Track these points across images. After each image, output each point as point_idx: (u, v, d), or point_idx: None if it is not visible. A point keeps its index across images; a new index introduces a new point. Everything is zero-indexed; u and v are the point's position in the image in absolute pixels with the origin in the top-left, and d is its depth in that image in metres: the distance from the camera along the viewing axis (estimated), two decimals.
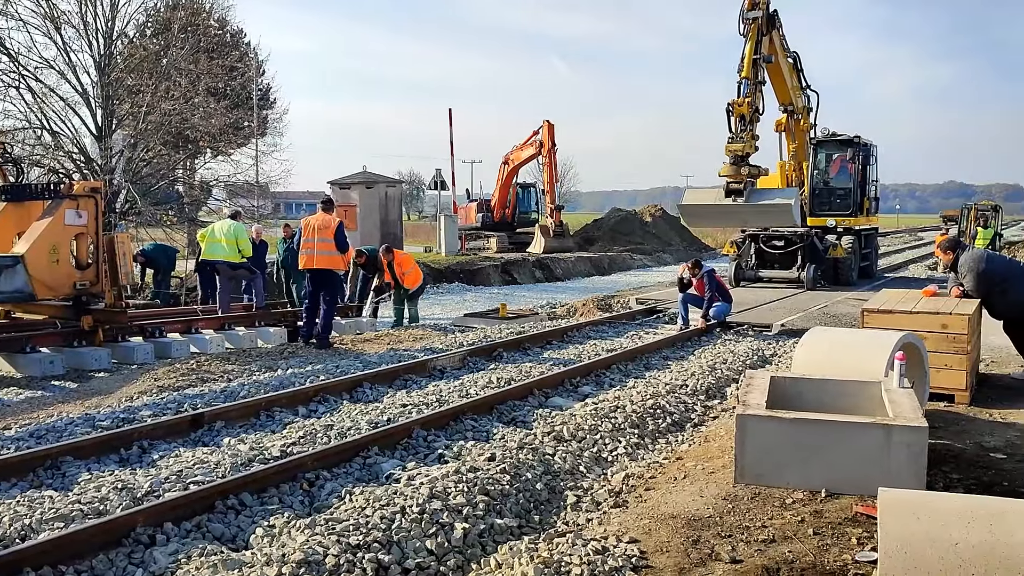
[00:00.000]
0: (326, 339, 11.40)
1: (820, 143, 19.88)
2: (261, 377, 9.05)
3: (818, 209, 19.68)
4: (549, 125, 32.68)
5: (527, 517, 5.03)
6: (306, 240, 11.42)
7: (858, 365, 6.07)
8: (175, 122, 24.51)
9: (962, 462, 5.64)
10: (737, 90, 15.89)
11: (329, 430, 6.64)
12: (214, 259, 13.16)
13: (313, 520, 4.61)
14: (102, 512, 4.81)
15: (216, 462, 5.75)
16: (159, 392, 8.36)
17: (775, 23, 16.90)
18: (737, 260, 18.86)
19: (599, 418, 6.99)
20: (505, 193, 36.17)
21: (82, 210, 10.46)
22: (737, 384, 8.68)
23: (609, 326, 13.44)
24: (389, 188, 27.74)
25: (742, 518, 4.62)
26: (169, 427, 6.64)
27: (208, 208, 31.38)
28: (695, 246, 41.02)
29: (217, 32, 30.82)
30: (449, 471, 5.36)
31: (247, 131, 31.59)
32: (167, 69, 24.94)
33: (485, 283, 25.21)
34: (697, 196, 17.59)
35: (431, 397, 7.89)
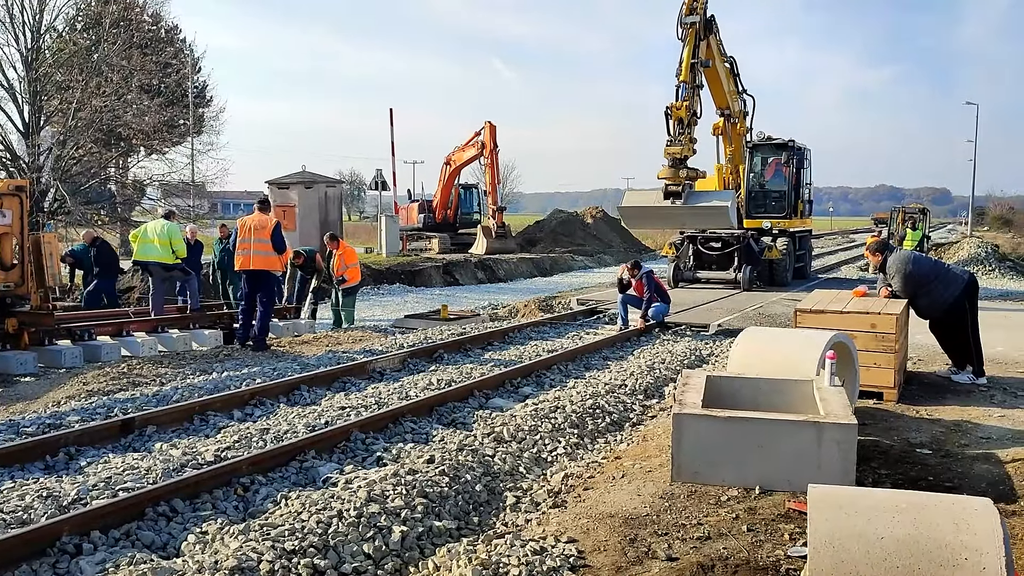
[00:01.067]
0: (263, 341, 11.21)
1: (756, 147, 20.28)
2: (195, 380, 8.86)
3: (754, 211, 20.07)
4: (491, 126, 32.71)
5: (466, 519, 5.01)
6: (242, 240, 11.21)
7: (791, 364, 6.21)
8: (107, 119, 23.89)
9: (890, 458, 5.80)
10: (675, 94, 16.11)
11: (265, 434, 6.53)
12: (147, 260, 12.85)
13: (247, 526, 4.52)
14: (26, 521, 4.64)
15: (147, 468, 5.60)
16: (88, 397, 8.12)
17: (712, 28, 17.17)
18: (676, 261, 19.10)
19: (539, 418, 7.01)
20: (447, 194, 36.09)
21: (6, 209, 10.10)
22: (675, 383, 8.79)
23: (550, 327, 13.50)
24: (329, 188, 27.39)
25: (678, 516, 4.68)
26: (98, 433, 6.45)
27: (142, 208, 30.65)
28: (635, 247, 41.48)
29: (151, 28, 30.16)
30: (387, 474, 5.31)
31: (182, 129, 30.99)
32: (98, 65, 24.28)
33: (427, 284, 25.11)
34: (637, 198, 17.78)
35: (370, 399, 7.82)
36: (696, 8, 16.43)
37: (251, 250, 11.09)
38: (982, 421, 6.81)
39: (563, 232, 40.47)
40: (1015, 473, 5.44)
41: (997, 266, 28.69)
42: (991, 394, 7.82)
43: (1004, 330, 11.87)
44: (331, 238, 14.46)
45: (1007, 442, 6.16)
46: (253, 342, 11.18)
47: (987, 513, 3.16)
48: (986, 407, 7.30)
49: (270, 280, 11.47)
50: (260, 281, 11.24)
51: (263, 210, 11.41)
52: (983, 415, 7.01)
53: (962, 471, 5.51)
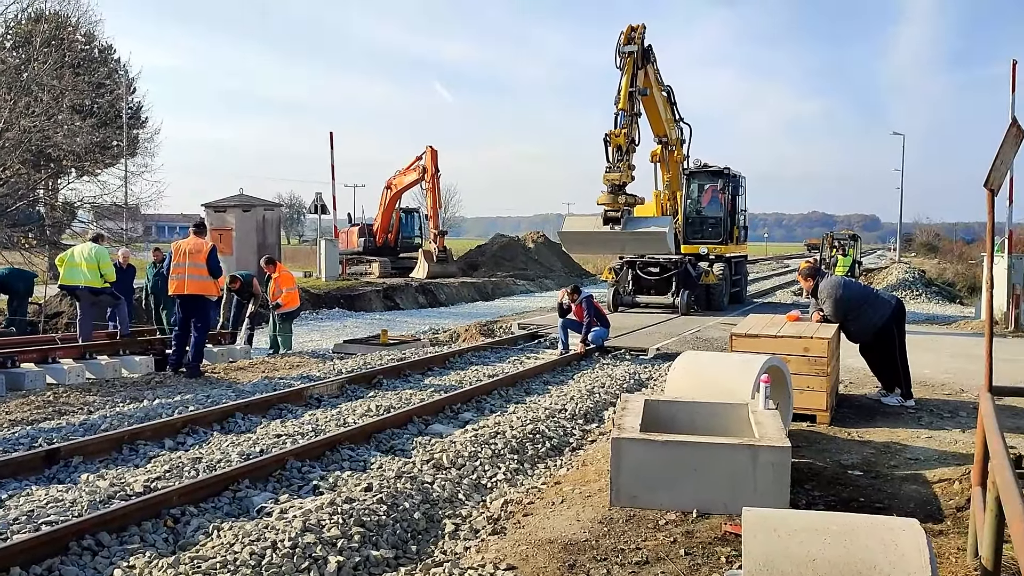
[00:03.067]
0: (197, 368, 10.95)
1: (693, 174, 20.67)
2: (125, 408, 8.60)
3: (691, 237, 20.42)
4: (432, 151, 32.73)
5: (404, 548, 4.94)
6: (177, 264, 10.96)
7: (727, 387, 6.30)
8: (36, 140, 23.20)
9: (823, 480, 5.92)
10: (614, 121, 16.35)
11: (197, 463, 6.36)
12: (73, 284, 12.47)
13: (177, 559, 4.39)
14: None
15: (72, 500, 5.40)
16: (11, 426, 7.81)
17: (650, 58, 17.51)
18: (615, 286, 19.29)
19: (479, 444, 6.97)
20: (388, 218, 35.92)
21: None
22: (614, 408, 8.84)
23: (491, 351, 13.48)
24: (267, 211, 27.05)
25: (617, 540, 4.69)
26: (20, 463, 6.20)
27: (72, 231, 29.79)
28: (576, 272, 41.80)
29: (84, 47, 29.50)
30: (324, 503, 5.22)
31: (116, 150, 30.28)
32: (28, 84, 23.60)
33: (367, 308, 24.89)
34: (577, 223, 17.94)
35: (307, 427, 7.69)
36: (634, 38, 16.75)
37: (186, 274, 10.85)
38: (910, 442, 6.99)
39: (505, 256, 40.60)
40: (941, 493, 5.60)
41: (924, 291, 29.69)
42: (919, 416, 8.05)
43: (931, 353, 12.26)
44: (268, 262, 14.25)
45: (934, 463, 6.34)
46: (187, 368, 10.91)
47: (914, 534, 3.24)
48: (914, 428, 7.51)
49: (205, 305, 11.22)
50: (195, 306, 11.00)
51: (199, 234, 11.19)
52: (911, 436, 7.20)
53: (892, 492, 5.65)
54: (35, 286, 16.62)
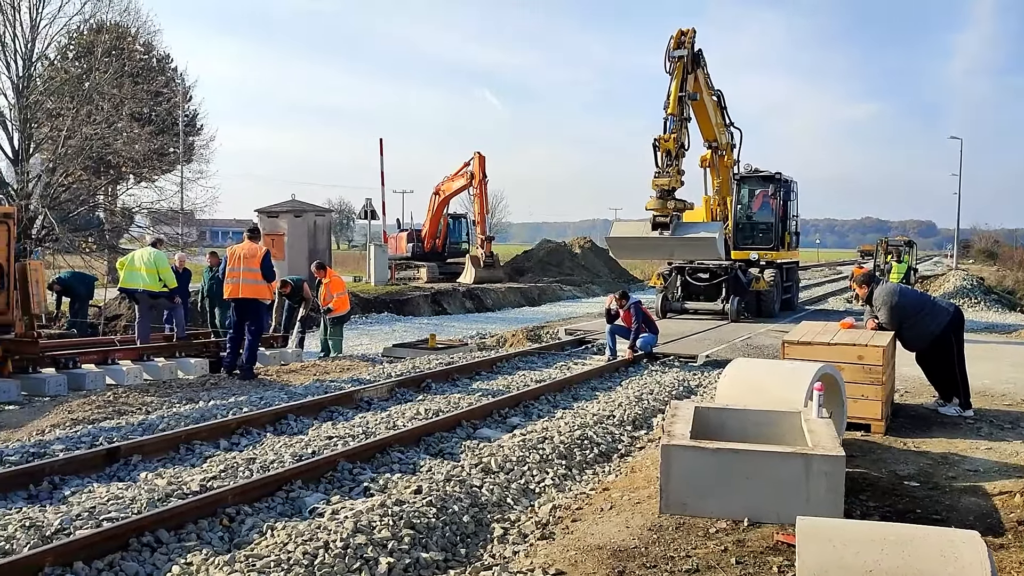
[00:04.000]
0: (251, 370, 11.15)
1: (743, 179, 20.46)
2: (181, 409, 8.79)
3: (741, 243, 20.20)
4: (480, 156, 32.90)
5: (453, 550, 4.98)
6: (231, 269, 11.18)
7: (779, 395, 6.22)
8: (97, 147, 23.91)
9: (878, 490, 5.81)
10: (663, 126, 16.27)
11: (251, 463, 6.48)
12: (133, 288, 12.80)
13: (232, 557, 4.48)
14: (8, 552, 4.58)
15: (132, 498, 5.54)
16: (72, 425, 8.04)
17: (700, 62, 17.39)
18: (664, 292, 19.17)
19: (527, 449, 6.99)
20: (436, 223, 36.18)
21: None
22: (663, 415, 8.79)
23: (538, 357, 13.48)
24: (318, 217, 27.45)
25: (667, 548, 4.66)
26: (82, 462, 6.38)
27: (130, 235, 30.58)
28: (623, 278, 41.60)
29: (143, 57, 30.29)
30: (374, 504, 5.28)
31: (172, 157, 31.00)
32: (89, 93, 24.35)
33: (415, 313, 25.08)
34: (625, 229, 17.86)
35: (357, 429, 7.78)
36: (684, 42, 16.65)
37: (240, 278, 11.06)
38: (969, 453, 6.83)
39: (551, 262, 40.58)
40: (1002, 506, 5.46)
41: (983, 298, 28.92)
42: (978, 426, 7.86)
43: (990, 362, 11.94)
44: (319, 267, 14.45)
45: (994, 475, 6.18)
46: (240, 371, 11.12)
47: (975, 546, 3.17)
48: (973, 439, 7.32)
49: (259, 308, 11.42)
50: (249, 309, 11.20)
51: (253, 239, 11.41)
52: (970, 447, 7.03)
53: (950, 504, 5.52)
54: (95, 289, 17.10)
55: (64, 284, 15.87)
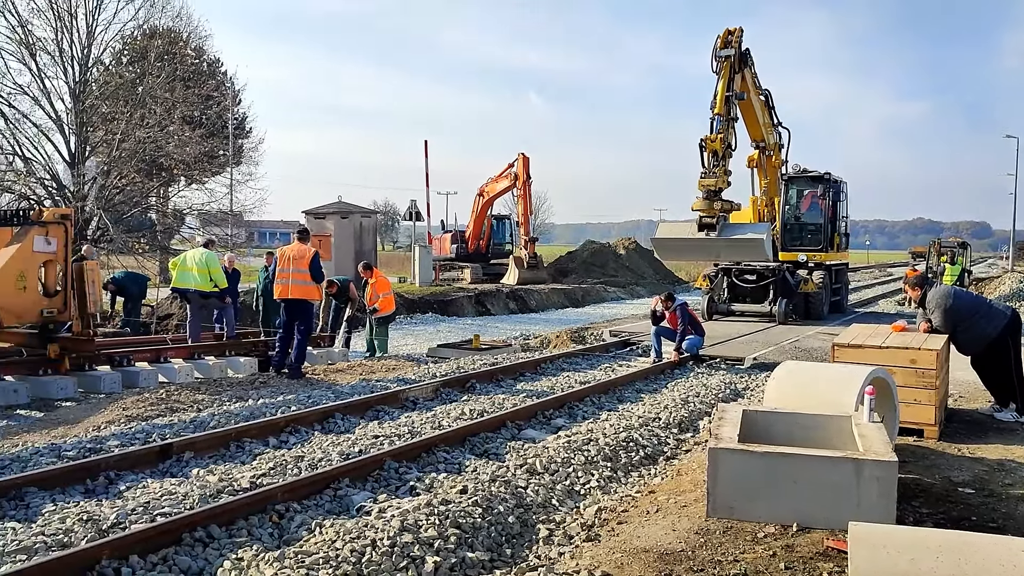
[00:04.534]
0: (299, 369, 11.30)
1: (791, 179, 20.18)
2: (231, 407, 8.95)
3: (789, 244, 19.93)
4: (524, 158, 32.92)
5: (499, 550, 4.99)
6: (281, 270, 11.37)
7: (829, 399, 6.13)
8: (149, 150, 24.42)
9: (931, 496, 5.69)
10: (710, 126, 16.11)
11: (300, 461, 6.57)
12: (185, 287, 13.06)
13: (282, 553, 4.54)
14: (66, 544, 4.71)
15: (184, 493, 5.66)
16: (127, 422, 8.24)
17: (747, 61, 17.20)
18: (710, 293, 19.00)
19: (572, 451, 6.98)
20: (480, 224, 36.29)
21: (51, 237, 10.32)
22: (710, 417, 8.71)
23: (583, 358, 13.45)
24: (364, 218, 27.75)
25: (714, 552, 4.62)
26: (137, 458, 6.53)
27: (181, 236, 31.17)
28: (668, 279, 41.31)
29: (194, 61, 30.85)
30: (421, 503, 5.31)
31: (222, 160, 31.53)
32: (142, 97, 24.88)
33: (459, 314, 25.18)
34: (670, 230, 17.75)
35: (403, 428, 7.84)
36: (731, 42, 16.49)
37: (290, 279, 11.24)
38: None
39: (595, 263, 40.45)
40: None
41: None
42: None
43: None
44: (365, 267, 14.60)
45: None
46: (289, 370, 11.27)
47: None
48: None
49: (308, 309, 11.59)
50: (298, 309, 11.36)
51: (302, 240, 11.58)
52: None
53: (1007, 511, 5.39)
54: (148, 289, 17.48)
55: (118, 284, 16.26)
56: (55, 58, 23.91)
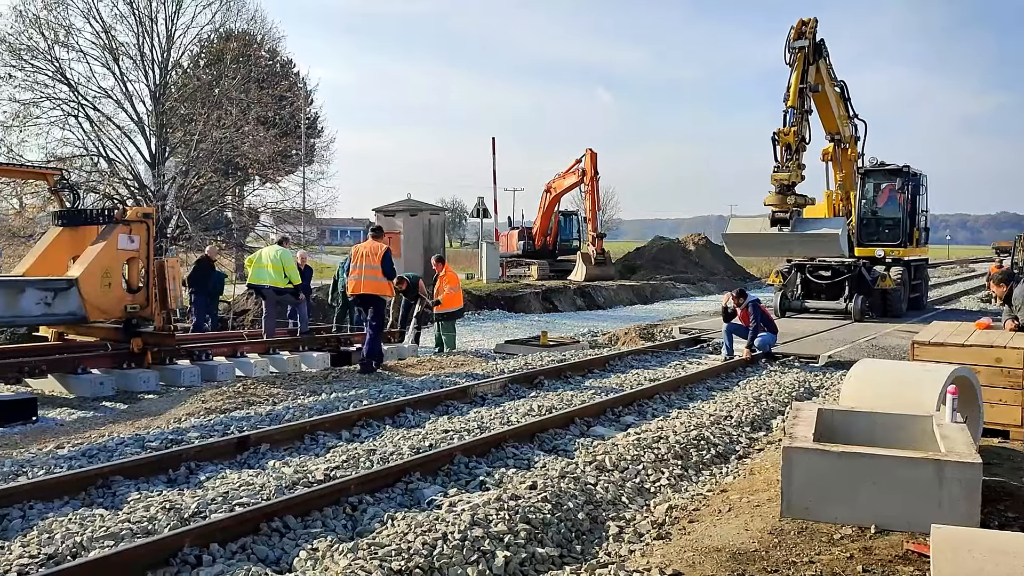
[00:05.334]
0: (369, 364, 11.48)
1: (868, 172, 19.65)
2: (306, 401, 9.14)
3: (866, 239, 19.40)
4: (592, 153, 32.75)
5: (569, 547, 4.99)
6: (355, 266, 11.63)
7: (908, 398, 5.95)
8: (226, 150, 25.08)
9: (1018, 500, 5.47)
10: (783, 119, 15.82)
11: (372, 455, 6.67)
12: (260, 284, 13.38)
13: (355, 544, 4.62)
14: (151, 531, 4.88)
15: (261, 484, 5.81)
16: (206, 414, 8.49)
17: (822, 52, 16.82)
18: (783, 290, 18.64)
19: (642, 448, 6.93)
20: (547, 221, 36.24)
21: (134, 235, 10.71)
22: (783, 416, 8.56)
23: (652, 355, 13.34)
24: (432, 215, 28.01)
25: (788, 553, 4.54)
26: (216, 449, 6.73)
27: (255, 234, 31.94)
28: (739, 275, 40.63)
29: (268, 63, 31.55)
30: (491, 498, 5.35)
31: (295, 159, 32.17)
32: (219, 98, 25.57)
33: (526, 310, 25.21)
34: (742, 225, 17.48)
35: (472, 423, 7.90)
36: (805, 32, 16.15)
37: (362, 275, 11.47)
38: None
39: (664, 259, 40.03)
40: None
41: None
42: None
43: None
44: (438, 260, 14.75)
45: None
46: (360, 365, 11.47)
47: None
48: None
49: (380, 304, 11.80)
50: (369, 305, 11.58)
51: (376, 237, 11.83)
52: None
53: None
54: (224, 285, 17.96)
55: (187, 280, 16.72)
56: (137, 62, 24.78)
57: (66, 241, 11.16)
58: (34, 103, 23.66)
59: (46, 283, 9.96)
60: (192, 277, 15.72)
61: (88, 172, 24.51)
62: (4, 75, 23.13)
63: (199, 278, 15.57)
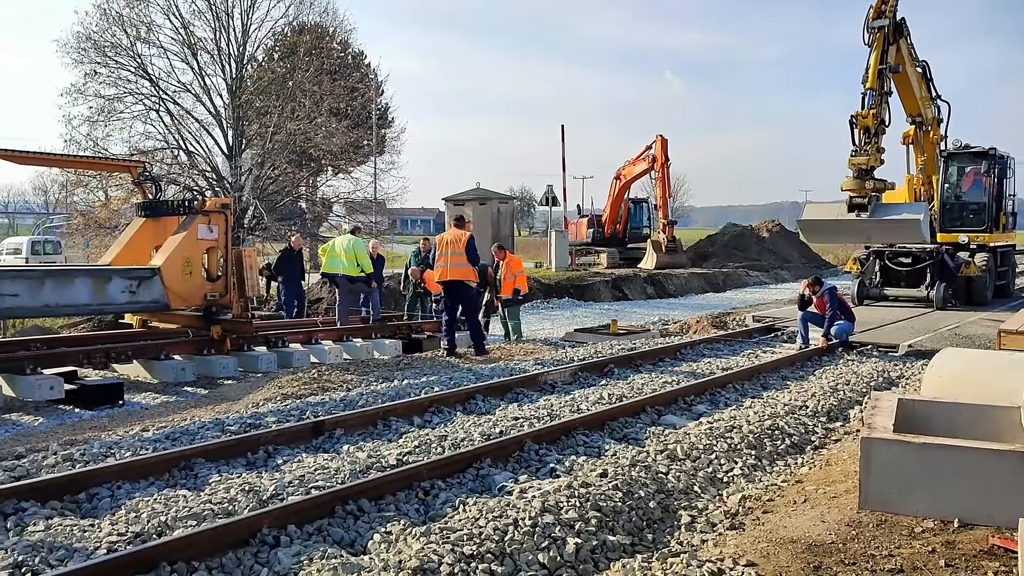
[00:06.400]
0: (482, 347, 11.98)
1: (951, 155, 18.95)
2: (378, 387, 9.29)
3: (949, 224, 18.73)
4: (662, 139, 32.36)
5: (640, 535, 4.96)
6: (440, 254, 11.93)
7: (994, 389, 5.74)
8: (299, 141, 25.59)
9: None
10: (862, 101, 15.35)
11: (443, 441, 6.74)
12: (334, 272, 13.64)
13: (428, 528, 4.68)
14: (231, 512, 5.03)
15: (336, 468, 5.93)
16: (283, 399, 8.70)
17: (902, 31, 16.26)
18: (860, 277, 18.16)
19: (714, 438, 6.84)
20: (616, 208, 35.98)
21: (213, 225, 11.02)
22: (861, 406, 8.34)
23: (724, 344, 13.14)
24: (501, 204, 28.10)
25: (867, 546, 4.43)
26: (292, 433, 6.89)
27: (328, 224, 32.53)
28: (815, 263, 39.71)
29: (340, 54, 32.03)
30: (561, 485, 5.35)
31: (366, 149, 32.62)
32: (292, 90, 26.09)
33: (595, 299, 25.11)
34: (818, 211, 17.07)
35: (542, 411, 7.91)
36: (885, 11, 15.61)
37: (448, 263, 11.75)
38: None
39: (737, 247, 39.36)
40: None
41: None
42: None
43: None
44: (498, 248, 14.79)
45: None
46: (475, 349, 11.93)
47: None
48: None
49: (468, 290, 12.12)
50: (458, 292, 11.88)
51: (459, 226, 12.08)
52: None
53: None
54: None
55: (272, 269, 17.14)
56: (214, 56, 25.44)
57: (149, 231, 11.55)
58: (118, 98, 24.54)
59: (131, 272, 10.33)
60: (278, 265, 16.12)
61: (169, 164, 25.31)
62: (90, 72, 24.03)
63: (285, 266, 15.95)
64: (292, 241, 16.87)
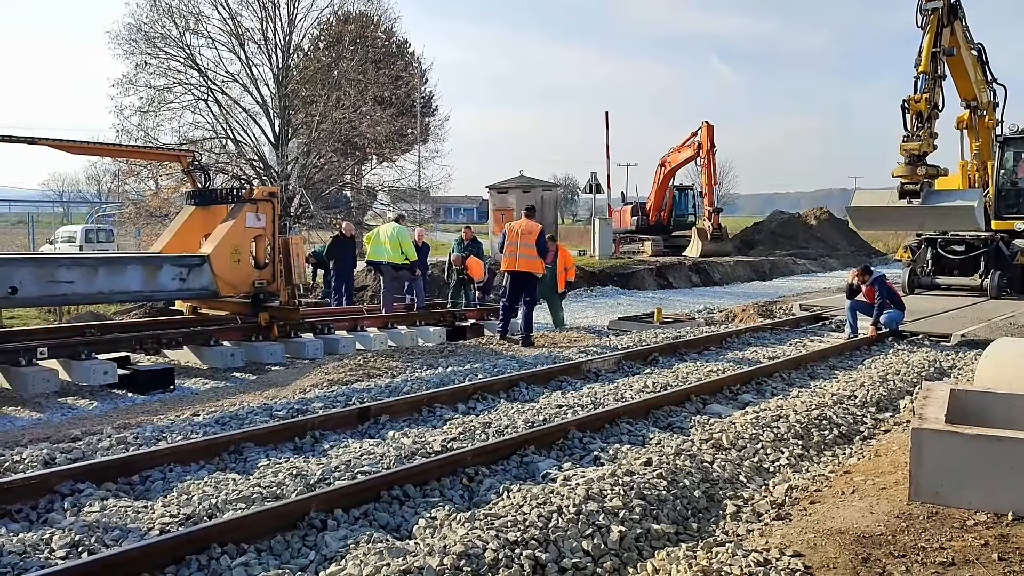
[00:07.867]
0: (528, 338, 11.95)
1: (1008, 140, 18.42)
2: (423, 374, 9.36)
3: (1004, 212, 18.22)
4: (708, 126, 31.99)
5: (684, 524, 4.95)
6: (510, 243, 12.01)
7: None
8: (344, 130, 25.75)
9: None
10: (914, 86, 15.01)
11: (487, 427, 6.78)
12: (378, 260, 13.75)
13: (473, 514, 4.72)
14: (279, 496, 5.11)
15: (381, 454, 5.99)
16: (329, 386, 8.81)
17: (957, 13, 15.85)
18: (911, 266, 17.80)
19: (760, 427, 6.78)
20: (661, 196, 35.68)
21: (261, 213, 11.18)
22: (912, 396, 8.19)
23: (771, 333, 12.98)
24: (545, 192, 28.00)
25: (917, 538, 4.36)
26: (339, 419, 6.98)
27: (373, 212, 32.75)
28: (864, 251, 38.98)
29: (384, 43, 32.14)
30: (605, 473, 5.35)
31: (411, 138, 32.74)
32: (338, 80, 26.25)
33: (639, 287, 24.96)
34: (868, 198, 16.76)
35: (586, 399, 7.90)
36: None
37: (517, 253, 11.83)
38: None
39: (783, 234, 38.81)
40: None
41: None
42: None
43: None
44: (550, 240, 14.77)
45: None
46: (521, 339, 11.93)
47: None
48: None
49: (533, 281, 12.18)
50: (524, 282, 11.98)
51: (530, 216, 12.20)
52: None
53: None
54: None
55: (318, 257, 17.35)
56: (260, 46, 25.68)
57: (198, 220, 11.75)
58: (168, 89, 24.90)
59: (181, 260, 10.53)
60: (330, 251, 16.31)
61: (217, 154, 25.66)
62: (141, 63, 24.44)
63: (337, 251, 16.14)
64: (343, 227, 17.02)
